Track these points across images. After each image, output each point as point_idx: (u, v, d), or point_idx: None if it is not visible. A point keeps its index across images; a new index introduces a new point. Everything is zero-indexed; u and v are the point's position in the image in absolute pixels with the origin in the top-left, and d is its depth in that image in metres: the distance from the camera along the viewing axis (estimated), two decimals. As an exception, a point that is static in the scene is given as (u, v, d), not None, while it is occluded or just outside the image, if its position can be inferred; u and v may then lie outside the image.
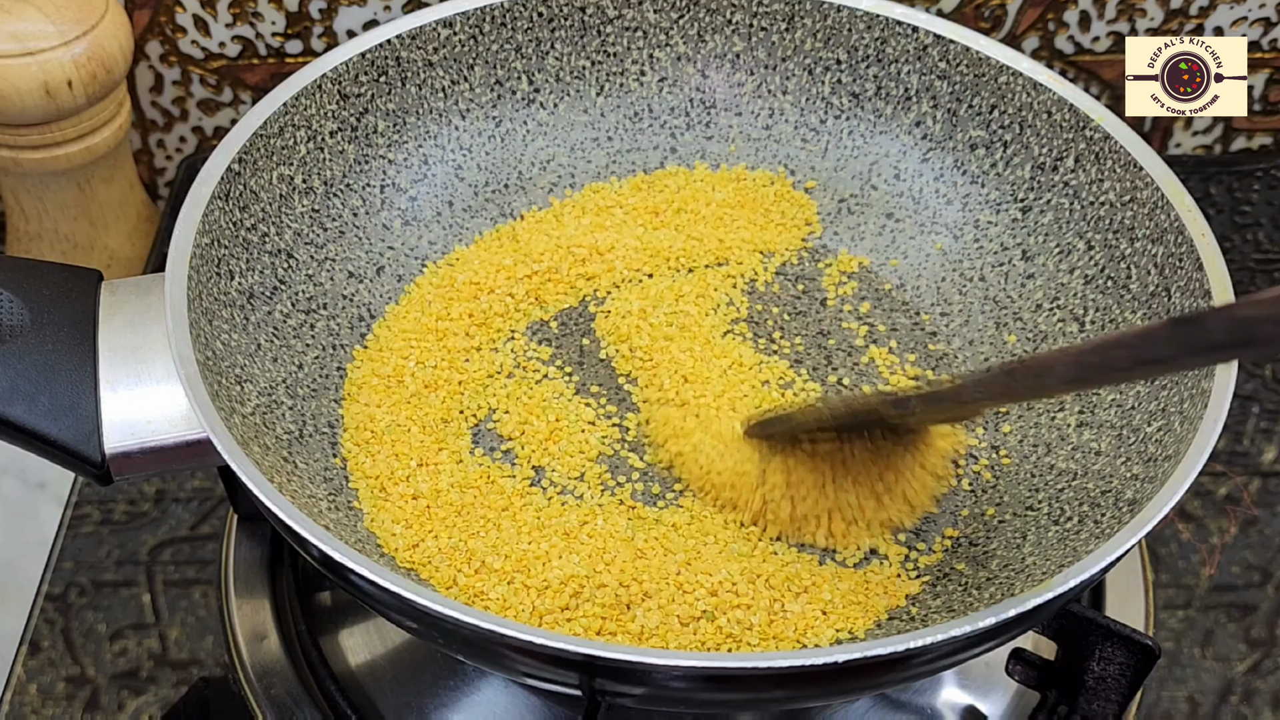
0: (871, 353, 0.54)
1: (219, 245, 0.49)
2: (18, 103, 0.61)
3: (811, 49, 0.59)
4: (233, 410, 0.45)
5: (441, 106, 0.58)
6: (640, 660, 0.38)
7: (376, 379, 0.52)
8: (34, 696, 0.54)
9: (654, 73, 0.60)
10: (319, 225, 0.54)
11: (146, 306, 0.46)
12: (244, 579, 0.54)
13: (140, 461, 0.44)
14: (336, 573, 0.41)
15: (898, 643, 0.37)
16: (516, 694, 0.50)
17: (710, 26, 0.59)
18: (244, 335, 0.49)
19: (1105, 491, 0.46)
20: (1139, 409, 0.48)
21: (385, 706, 0.50)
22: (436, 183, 0.58)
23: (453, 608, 0.38)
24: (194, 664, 0.55)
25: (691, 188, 0.59)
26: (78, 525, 0.59)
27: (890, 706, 0.50)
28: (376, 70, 0.56)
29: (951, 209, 0.57)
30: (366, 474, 0.49)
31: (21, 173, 0.64)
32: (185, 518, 0.60)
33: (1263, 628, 0.56)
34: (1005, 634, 0.41)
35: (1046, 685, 0.48)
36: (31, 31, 0.60)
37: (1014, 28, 0.71)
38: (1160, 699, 0.54)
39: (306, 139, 0.54)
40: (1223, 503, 0.60)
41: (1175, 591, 0.57)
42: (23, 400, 0.44)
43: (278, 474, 0.45)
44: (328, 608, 0.53)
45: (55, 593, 0.57)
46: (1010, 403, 0.43)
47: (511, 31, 0.58)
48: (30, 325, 0.45)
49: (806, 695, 0.42)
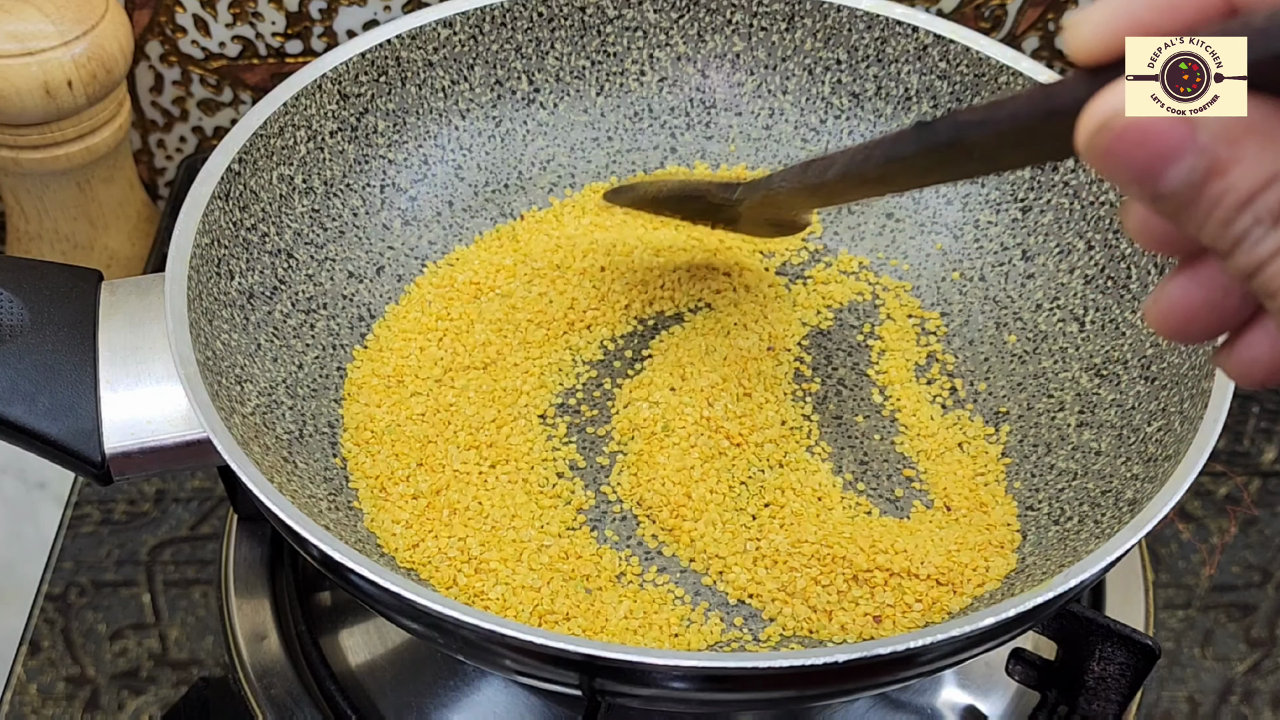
0: (871, 354, 0.54)
1: (219, 245, 0.49)
2: (18, 103, 0.61)
3: (811, 49, 0.59)
4: (233, 410, 0.45)
5: (441, 106, 0.58)
6: (640, 660, 0.38)
7: (376, 379, 0.52)
8: (34, 696, 0.54)
9: (654, 73, 0.60)
10: (319, 225, 0.54)
11: (146, 306, 0.46)
12: (244, 579, 0.54)
13: (140, 461, 0.44)
14: (336, 573, 0.41)
15: (898, 642, 0.37)
16: (516, 694, 0.50)
17: (710, 26, 0.59)
18: (244, 335, 0.49)
19: (1105, 491, 0.46)
20: (1139, 409, 0.48)
21: (385, 706, 0.50)
22: (436, 183, 0.58)
23: (453, 608, 0.38)
24: (194, 664, 0.55)
25: (691, 187, 0.59)
26: (78, 525, 0.60)
27: (890, 706, 0.50)
28: (376, 70, 0.56)
29: (951, 209, 0.57)
30: (366, 474, 0.49)
31: (21, 173, 0.64)
32: (185, 518, 0.60)
33: (1263, 628, 0.56)
34: (1005, 634, 0.41)
35: (1046, 685, 0.48)
36: (31, 31, 0.60)
37: (1014, 28, 0.71)
38: (1160, 699, 0.54)
39: (306, 139, 0.54)
40: (1223, 503, 0.60)
41: (1175, 591, 0.57)
42: (23, 400, 0.44)
43: (278, 474, 0.45)
44: (328, 608, 0.53)
45: (55, 593, 0.57)
46: (811, 199, 0.44)
47: (511, 31, 0.58)
48: (30, 325, 0.45)
49: (806, 695, 0.42)
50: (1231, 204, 0.23)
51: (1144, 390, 0.48)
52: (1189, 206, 0.24)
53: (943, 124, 0.31)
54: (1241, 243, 0.24)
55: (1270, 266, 0.24)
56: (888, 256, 0.57)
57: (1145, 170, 0.24)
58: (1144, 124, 0.23)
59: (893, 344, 0.54)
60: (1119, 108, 0.24)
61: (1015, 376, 0.53)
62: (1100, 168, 0.24)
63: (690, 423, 0.50)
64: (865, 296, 0.56)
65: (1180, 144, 0.23)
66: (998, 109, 0.29)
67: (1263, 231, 0.23)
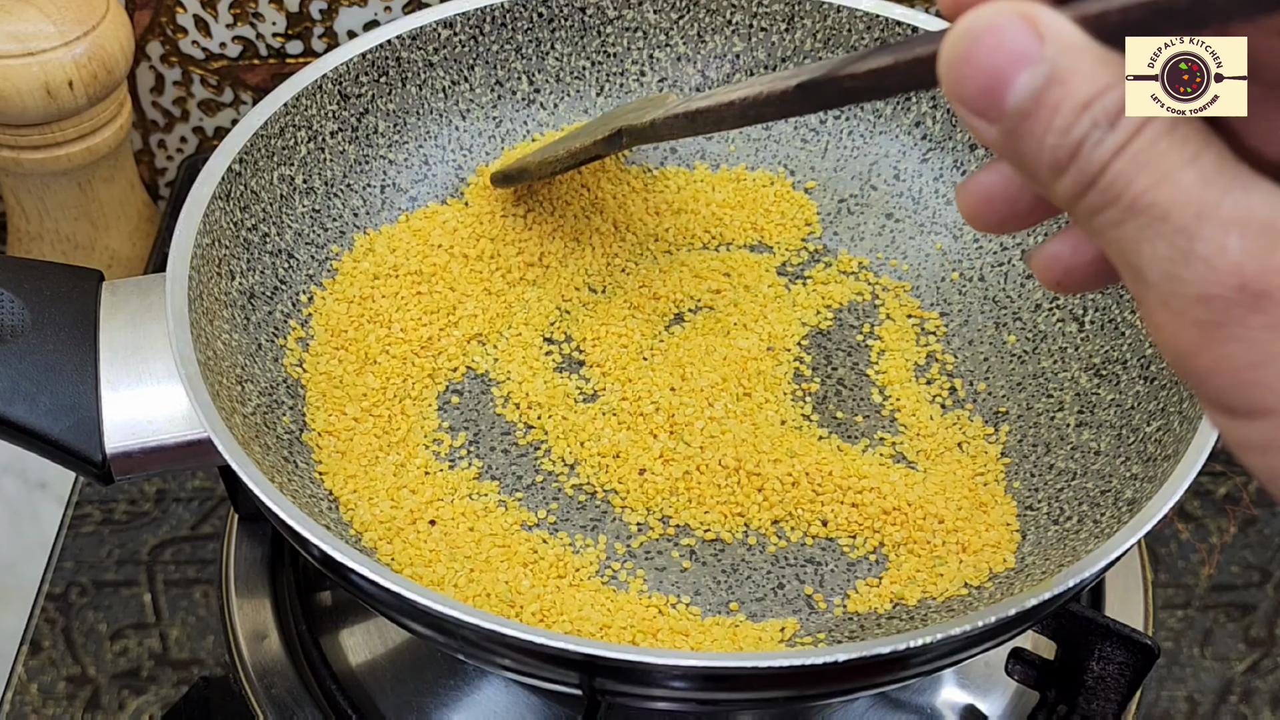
0: (871, 353, 0.54)
1: (220, 245, 0.49)
2: (18, 103, 0.61)
3: (811, 49, 0.59)
4: (233, 410, 0.45)
5: (442, 107, 0.58)
6: (640, 660, 0.38)
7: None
8: (35, 696, 0.54)
9: (654, 73, 0.60)
10: (320, 225, 0.54)
11: (147, 306, 0.46)
12: (244, 578, 0.54)
13: (141, 461, 0.44)
14: (337, 572, 0.41)
15: (897, 642, 0.38)
16: (516, 694, 0.50)
17: (710, 27, 0.59)
18: (245, 335, 0.49)
19: (1105, 491, 0.46)
20: (1138, 409, 0.48)
21: (386, 706, 0.50)
22: (437, 183, 0.58)
23: (453, 607, 0.38)
24: (195, 663, 0.55)
25: (692, 188, 0.59)
26: (78, 525, 0.60)
27: (890, 706, 0.50)
28: (377, 71, 0.56)
29: (951, 209, 0.57)
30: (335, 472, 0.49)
31: (22, 173, 0.65)
32: (186, 517, 0.60)
33: (1262, 627, 0.56)
34: (1005, 633, 0.41)
35: (1046, 685, 0.48)
36: (32, 32, 0.60)
37: (1014, 28, 0.71)
38: (1160, 698, 0.54)
39: (307, 139, 0.54)
40: (1222, 502, 0.60)
41: (1175, 591, 0.57)
42: (24, 400, 0.44)
43: (278, 474, 0.45)
44: (328, 607, 0.53)
45: (56, 592, 0.57)
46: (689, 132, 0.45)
47: (511, 32, 0.58)
48: (31, 325, 0.45)
49: (806, 695, 0.42)
50: (1070, 108, 0.25)
51: (1143, 390, 0.48)
52: (1029, 118, 0.25)
53: (829, 87, 0.33)
54: (1081, 147, 0.25)
55: (1112, 167, 0.25)
56: (887, 257, 0.57)
57: (996, 78, 0.25)
58: (998, 24, 0.25)
59: (892, 344, 0.54)
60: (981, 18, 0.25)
61: (1015, 376, 0.53)
62: (956, 86, 0.26)
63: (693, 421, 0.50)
64: (865, 297, 0.56)
65: (1028, 50, 0.25)
66: (884, 75, 0.30)
67: (1100, 134, 0.25)
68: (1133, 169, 0.25)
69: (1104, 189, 0.25)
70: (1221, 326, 0.24)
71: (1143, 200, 0.25)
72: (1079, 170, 0.25)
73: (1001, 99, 0.25)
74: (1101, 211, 0.25)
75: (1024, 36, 0.25)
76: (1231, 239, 0.24)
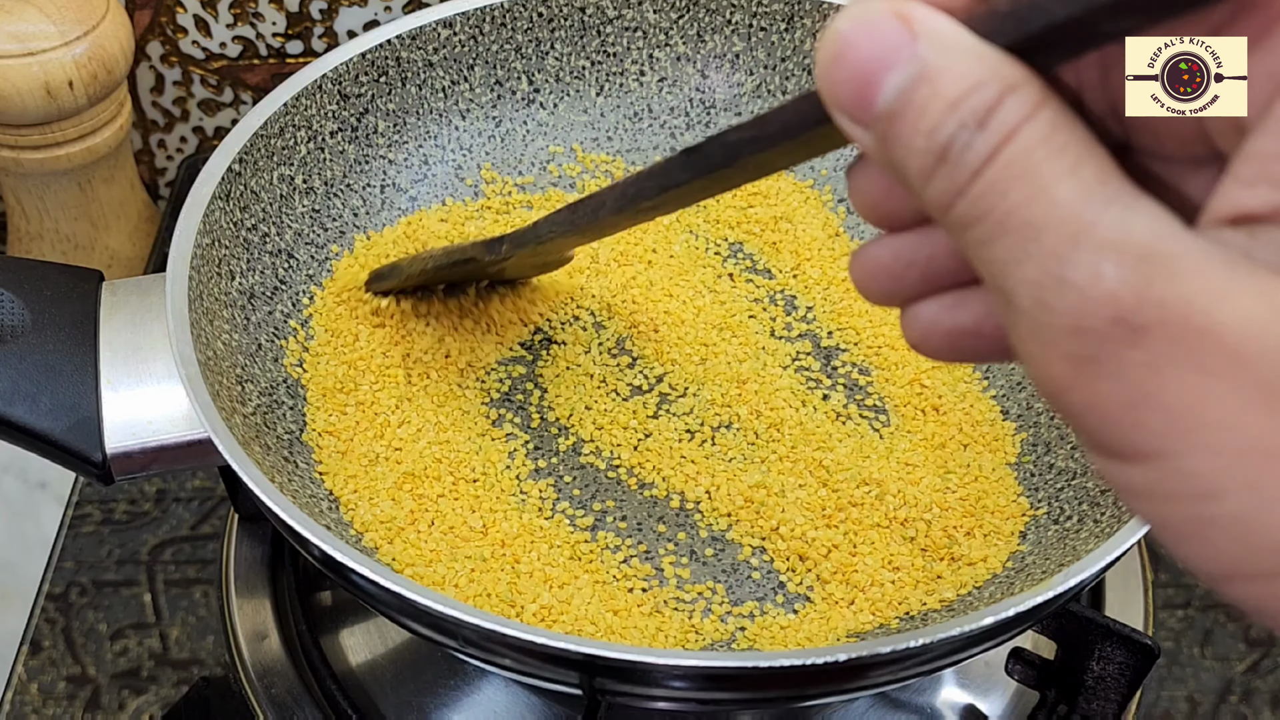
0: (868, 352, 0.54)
1: (220, 245, 0.49)
2: (18, 103, 0.61)
3: (811, 49, 0.59)
4: (234, 410, 0.45)
5: (441, 107, 0.58)
6: (640, 660, 0.38)
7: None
8: (35, 696, 0.54)
9: (654, 73, 0.60)
10: (319, 225, 0.54)
11: (147, 306, 0.46)
12: (245, 578, 0.54)
13: (141, 461, 0.44)
14: (337, 572, 0.41)
15: (897, 641, 0.38)
16: (516, 694, 0.50)
17: (710, 26, 0.59)
18: (245, 335, 0.49)
19: (1105, 490, 0.46)
20: (1138, 409, 0.48)
21: (386, 706, 0.50)
22: (437, 183, 0.58)
23: (453, 608, 0.38)
24: (195, 663, 0.55)
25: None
26: (79, 525, 0.60)
27: (890, 706, 0.50)
28: (377, 70, 0.56)
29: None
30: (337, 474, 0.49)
31: (22, 173, 0.65)
32: (186, 517, 0.60)
33: (1262, 627, 0.56)
34: (1005, 633, 0.41)
35: (1046, 684, 0.48)
36: (32, 32, 0.60)
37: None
38: (1160, 698, 0.54)
39: (307, 139, 0.54)
40: (1222, 502, 0.60)
41: (1175, 591, 0.57)
42: (24, 400, 0.44)
43: (278, 474, 0.45)
44: (328, 607, 0.53)
45: (56, 592, 0.57)
46: (581, 239, 0.44)
47: (511, 32, 0.58)
48: (31, 325, 0.45)
49: (806, 695, 0.42)
50: (938, 107, 0.23)
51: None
52: (898, 120, 0.23)
53: (713, 146, 0.31)
54: (948, 150, 0.23)
55: (984, 175, 0.23)
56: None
57: (866, 79, 0.24)
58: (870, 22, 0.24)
59: (892, 344, 0.54)
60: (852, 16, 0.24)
61: (1015, 376, 0.53)
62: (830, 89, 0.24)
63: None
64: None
65: (900, 48, 0.23)
66: (766, 123, 0.28)
67: (968, 135, 0.23)
68: (1005, 179, 0.23)
69: (974, 200, 0.23)
70: (1095, 362, 0.22)
71: (1015, 217, 0.23)
72: (947, 177, 0.23)
73: (872, 101, 0.24)
74: (971, 227, 0.23)
75: (896, 34, 0.23)
76: (1107, 265, 0.22)
